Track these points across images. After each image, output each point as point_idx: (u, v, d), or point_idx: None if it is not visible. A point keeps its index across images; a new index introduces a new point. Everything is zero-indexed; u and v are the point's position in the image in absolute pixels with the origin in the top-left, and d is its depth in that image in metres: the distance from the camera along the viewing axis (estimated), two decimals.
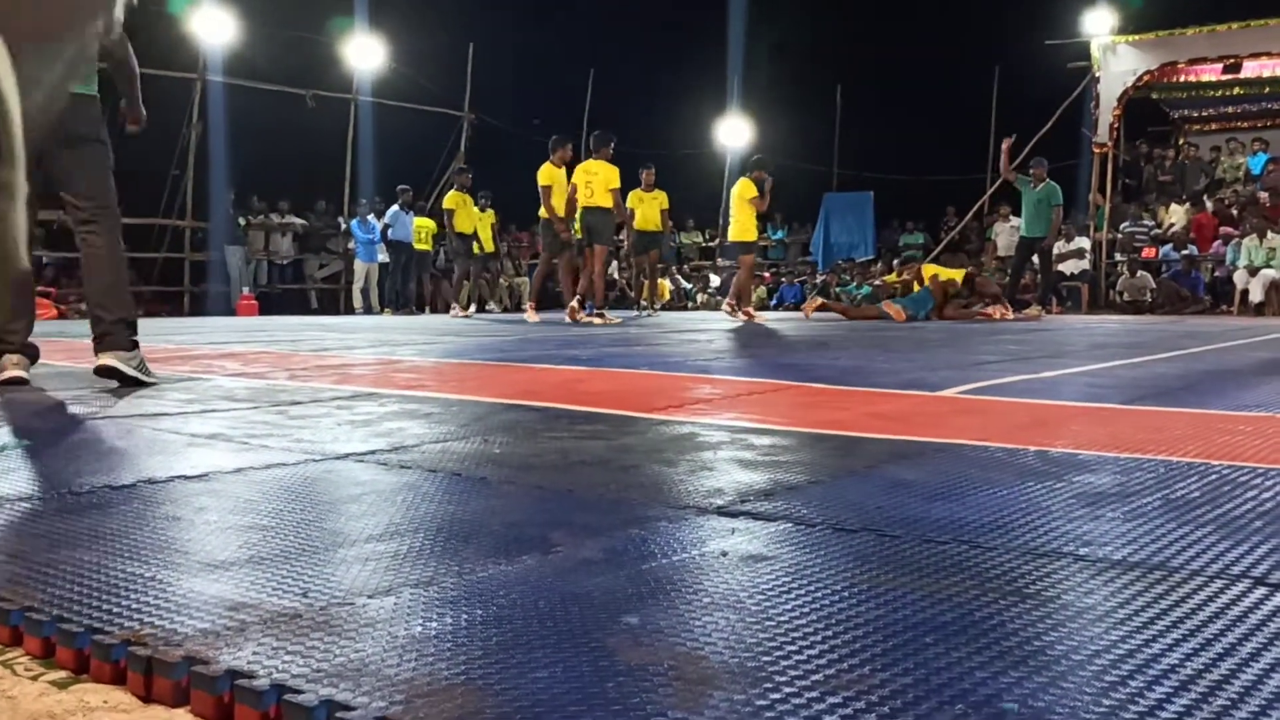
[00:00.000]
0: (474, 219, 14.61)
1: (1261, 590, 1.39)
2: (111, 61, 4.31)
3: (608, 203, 11.24)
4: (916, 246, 19.80)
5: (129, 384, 4.02)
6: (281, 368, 5.07)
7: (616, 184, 11.31)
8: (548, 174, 11.48)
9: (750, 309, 12.23)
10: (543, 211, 11.70)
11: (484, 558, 1.59)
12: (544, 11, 20.94)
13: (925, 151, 20.59)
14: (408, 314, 15.33)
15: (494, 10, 20.01)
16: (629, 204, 12.93)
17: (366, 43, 17.69)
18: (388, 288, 16.21)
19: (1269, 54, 15.67)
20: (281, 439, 2.77)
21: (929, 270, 13.21)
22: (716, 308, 18.80)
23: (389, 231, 15.77)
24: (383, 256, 16.29)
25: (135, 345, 4.09)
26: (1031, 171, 13.52)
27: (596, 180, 11.21)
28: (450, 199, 14.27)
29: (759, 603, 1.35)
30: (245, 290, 15.41)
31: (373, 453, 2.55)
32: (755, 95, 21.57)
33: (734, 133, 21.64)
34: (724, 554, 1.62)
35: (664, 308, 16.08)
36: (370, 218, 16.31)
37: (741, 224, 11.90)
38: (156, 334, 8.72)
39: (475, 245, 14.77)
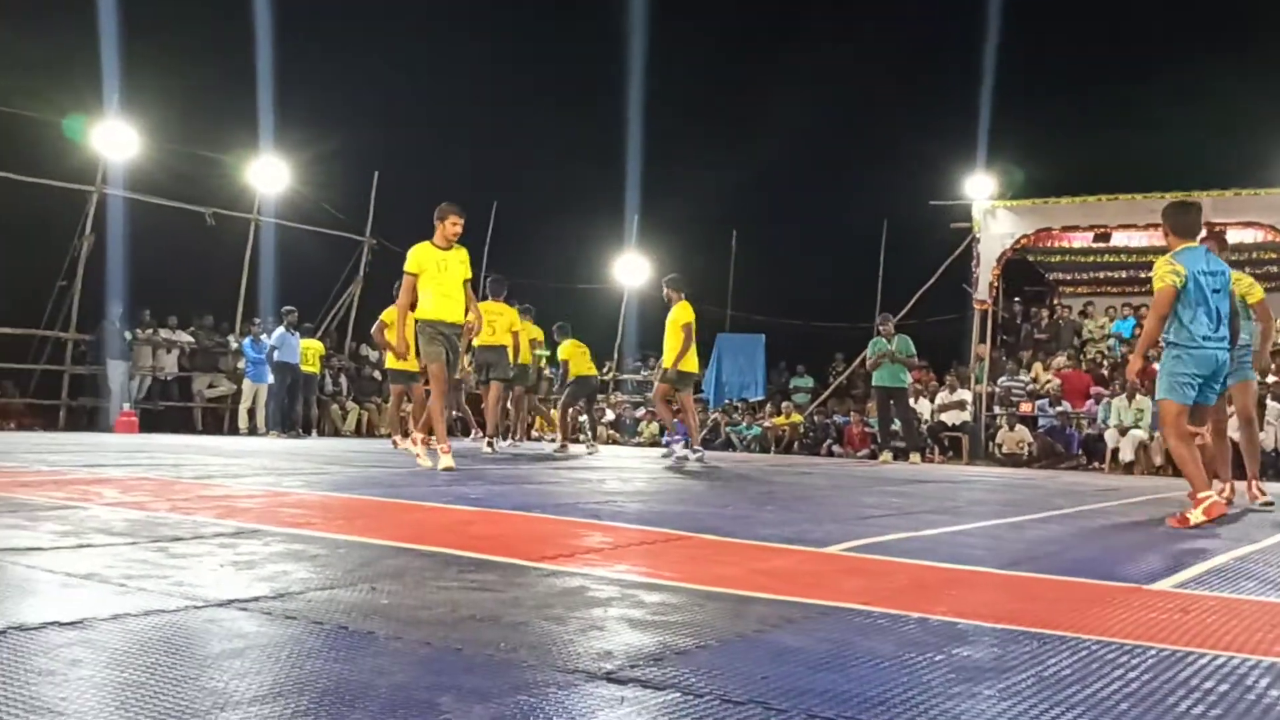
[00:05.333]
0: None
1: None
2: None
3: (507, 341, 11.74)
4: (805, 390, 20.25)
5: None
6: (163, 497, 4.93)
7: (519, 325, 12.08)
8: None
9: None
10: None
11: None
12: (449, 142, 21.32)
13: (816, 299, 21.31)
14: (293, 437, 15.01)
15: (400, 139, 20.30)
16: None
17: (271, 164, 17.72)
18: (273, 409, 15.87)
19: (1135, 226, 16.70)
20: (161, 581, 2.69)
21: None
22: (611, 441, 18.86)
23: (274, 353, 15.52)
24: (272, 378, 16.01)
25: None
26: (880, 328, 14.14)
27: (500, 321, 11.74)
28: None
29: None
30: (126, 406, 14.94)
31: (256, 600, 2.49)
32: (653, 234, 22.14)
33: (631, 269, 22.08)
34: None
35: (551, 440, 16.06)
36: (264, 337, 16.08)
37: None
38: (31, 452, 8.41)
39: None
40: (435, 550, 3.47)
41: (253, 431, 15.84)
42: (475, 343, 11.78)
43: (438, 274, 7.94)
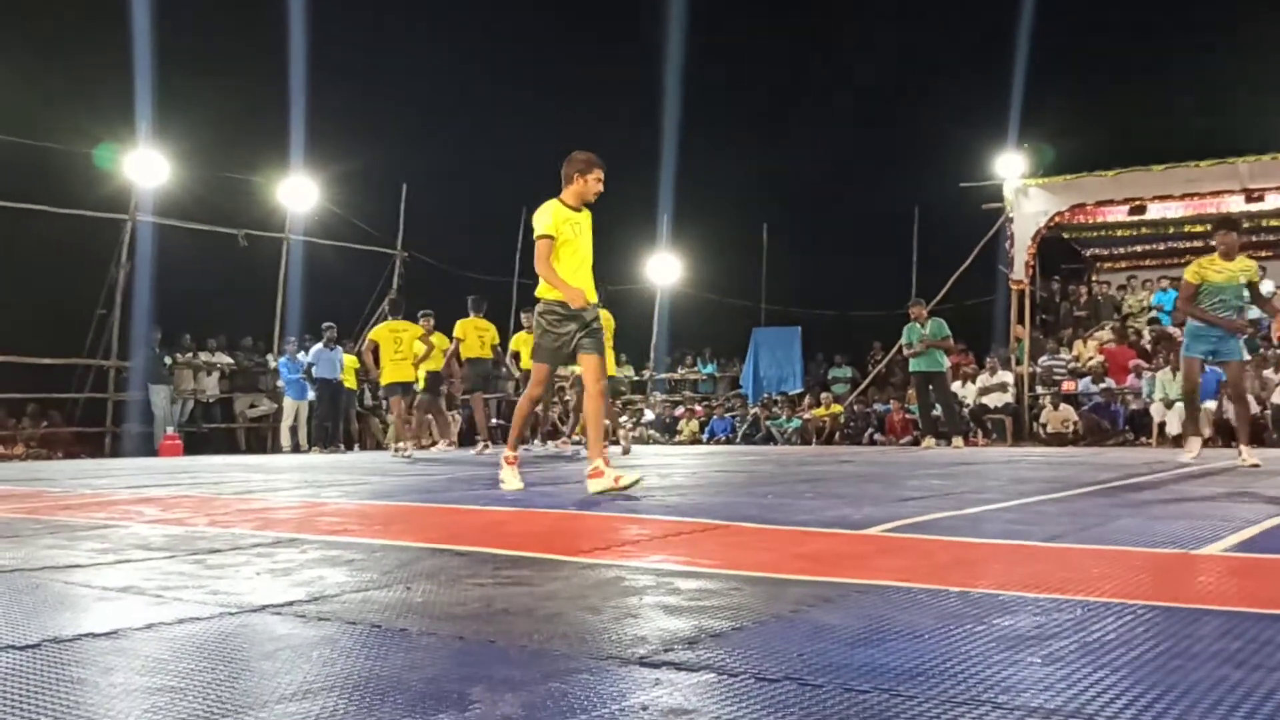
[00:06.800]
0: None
1: None
2: None
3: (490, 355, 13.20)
4: (845, 380, 20.11)
5: None
6: (202, 513, 4.96)
7: (496, 340, 13.31)
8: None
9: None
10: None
11: (400, 718, 1.56)
12: (476, 152, 21.40)
13: (850, 288, 21.18)
14: (335, 452, 15.10)
15: (427, 151, 20.39)
16: (515, 346, 13.58)
17: (300, 183, 17.86)
18: (314, 426, 15.98)
19: (1171, 196, 16.45)
20: (197, 591, 2.70)
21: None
22: (649, 441, 18.84)
23: (313, 369, 15.62)
24: (312, 394, 16.12)
25: None
26: (911, 311, 14.02)
27: (487, 336, 13.08)
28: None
29: None
30: (169, 430, 15.11)
31: (291, 604, 2.49)
32: (685, 232, 22.11)
33: (664, 268, 22.06)
34: (644, 708, 1.60)
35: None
36: (300, 355, 16.20)
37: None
38: (76, 478, 8.52)
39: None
40: (471, 550, 3.47)
41: (296, 449, 15.97)
42: (463, 355, 12.98)
43: (574, 239, 6.19)
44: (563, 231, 6.11)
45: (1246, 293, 7.96)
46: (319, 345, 15.67)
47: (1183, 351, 8.26)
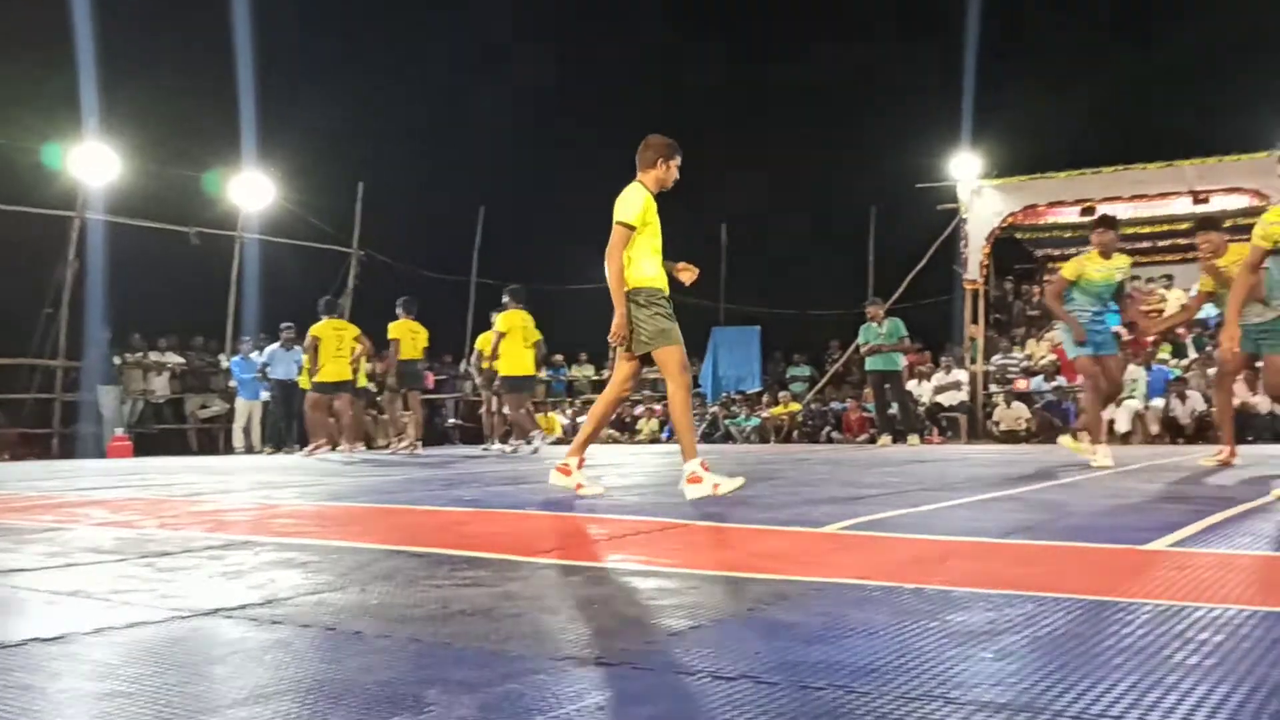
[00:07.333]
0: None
1: None
2: None
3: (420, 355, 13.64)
4: (803, 379, 20.21)
5: None
6: (152, 515, 4.89)
7: (427, 343, 13.74)
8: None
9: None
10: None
11: None
12: (433, 152, 21.28)
13: (809, 288, 21.32)
14: (289, 453, 14.93)
15: (384, 149, 20.24)
16: (480, 345, 13.92)
17: (254, 180, 17.63)
18: (269, 426, 15.81)
19: (1120, 198, 16.69)
20: (147, 594, 2.66)
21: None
22: (608, 440, 18.83)
23: (268, 370, 15.45)
24: (266, 395, 15.93)
25: None
26: (868, 310, 14.16)
27: (419, 338, 13.44)
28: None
29: None
30: (119, 431, 14.88)
31: (243, 607, 2.46)
32: None
33: None
34: (601, 708, 1.60)
35: (555, 443, 16.02)
36: (253, 355, 16.00)
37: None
38: (21, 480, 8.37)
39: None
40: (428, 551, 3.45)
41: (248, 450, 15.78)
42: (400, 356, 13.11)
43: (654, 222, 6.05)
44: (650, 222, 6.04)
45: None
46: (275, 345, 15.48)
47: (1070, 354, 8.03)
